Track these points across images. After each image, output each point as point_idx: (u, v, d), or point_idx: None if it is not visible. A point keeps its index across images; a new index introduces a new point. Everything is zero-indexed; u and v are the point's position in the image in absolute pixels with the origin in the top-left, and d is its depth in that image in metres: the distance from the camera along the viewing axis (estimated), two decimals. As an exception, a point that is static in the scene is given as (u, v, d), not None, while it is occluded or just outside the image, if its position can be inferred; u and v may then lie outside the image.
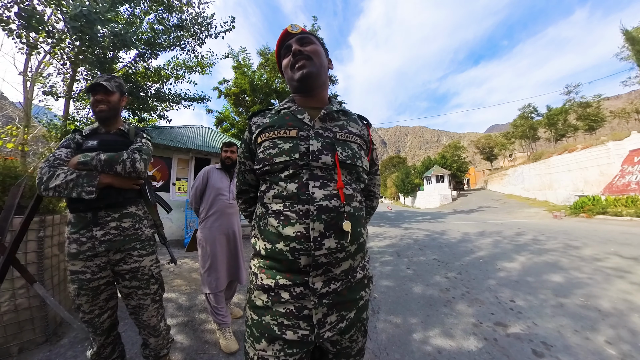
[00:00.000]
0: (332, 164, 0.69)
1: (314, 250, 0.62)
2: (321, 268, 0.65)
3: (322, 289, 0.65)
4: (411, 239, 6.33)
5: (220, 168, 2.14)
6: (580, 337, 1.88)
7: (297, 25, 0.82)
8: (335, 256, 0.65)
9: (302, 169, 0.68)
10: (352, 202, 0.70)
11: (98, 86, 1.24)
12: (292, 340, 0.63)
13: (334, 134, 0.74)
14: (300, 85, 0.79)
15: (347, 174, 0.73)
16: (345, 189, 0.69)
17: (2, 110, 7.54)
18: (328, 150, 0.70)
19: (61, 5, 4.39)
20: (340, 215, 0.66)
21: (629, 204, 9.47)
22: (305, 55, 0.76)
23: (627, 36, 17.81)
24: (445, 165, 34.25)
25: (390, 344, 1.88)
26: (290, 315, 0.64)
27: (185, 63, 7.57)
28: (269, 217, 0.69)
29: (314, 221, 0.63)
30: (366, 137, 0.84)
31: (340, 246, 0.65)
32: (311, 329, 0.64)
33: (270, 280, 0.66)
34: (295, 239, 0.63)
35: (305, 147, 0.70)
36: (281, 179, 0.69)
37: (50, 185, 1.07)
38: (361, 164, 0.75)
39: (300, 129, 0.73)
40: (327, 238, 0.64)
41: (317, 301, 0.64)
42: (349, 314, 0.69)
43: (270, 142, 0.73)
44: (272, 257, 0.67)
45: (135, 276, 1.24)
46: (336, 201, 0.66)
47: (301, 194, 0.66)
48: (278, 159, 0.70)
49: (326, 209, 0.65)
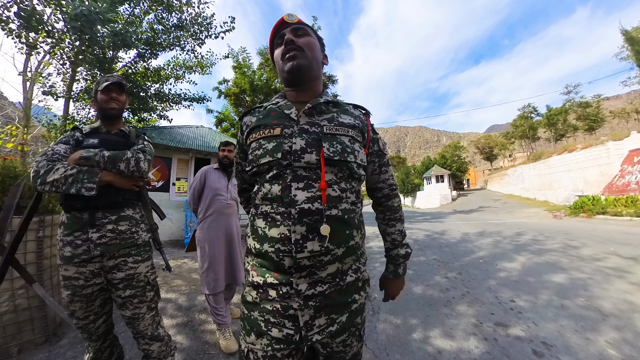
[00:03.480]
0: (316, 162, 0.65)
1: (295, 252, 0.62)
2: (304, 270, 0.63)
3: (307, 291, 0.64)
4: (411, 239, 6.32)
5: (217, 168, 2.13)
6: (581, 338, 1.88)
7: (294, 15, 0.77)
8: (320, 259, 0.63)
9: (286, 169, 0.66)
10: (340, 204, 0.66)
11: (114, 85, 1.25)
12: (277, 337, 0.63)
13: (322, 128, 0.69)
14: (290, 78, 0.75)
15: (337, 172, 0.68)
16: (331, 189, 0.66)
17: (1, 110, 7.53)
18: (313, 148, 0.66)
19: (61, 5, 4.38)
20: (326, 218, 0.63)
21: (629, 204, 9.47)
22: (298, 47, 0.73)
23: (627, 36, 17.82)
24: (445, 165, 34.25)
25: (390, 344, 1.88)
26: (276, 313, 0.64)
27: (185, 63, 7.57)
28: (258, 218, 0.69)
29: (295, 224, 0.62)
30: (363, 127, 0.77)
31: (324, 249, 0.63)
32: (296, 329, 0.63)
33: (260, 277, 0.67)
34: (280, 241, 0.63)
35: (289, 146, 0.66)
36: (266, 180, 0.68)
37: (47, 179, 1.02)
38: (353, 158, 0.69)
39: (285, 126, 0.70)
40: (310, 241, 0.62)
41: (303, 303, 0.63)
42: (340, 318, 0.67)
43: (257, 143, 0.71)
44: (261, 256, 0.67)
45: (130, 284, 1.18)
46: (319, 204, 0.63)
47: (284, 196, 0.64)
48: (263, 160, 0.68)
49: (308, 212, 0.62)
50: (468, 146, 48.44)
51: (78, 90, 5.94)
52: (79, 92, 5.93)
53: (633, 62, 18.38)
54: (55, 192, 1.07)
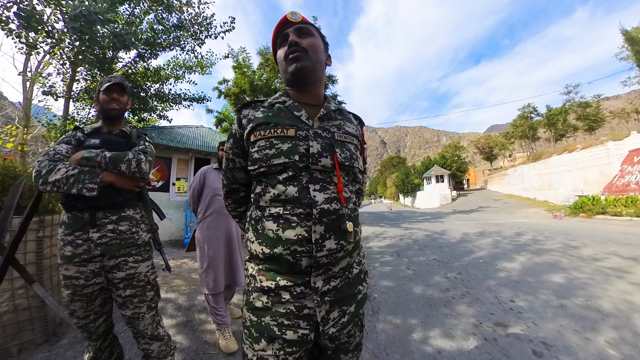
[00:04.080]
0: (331, 166, 0.68)
1: (315, 252, 0.63)
2: (322, 268, 0.65)
3: (324, 287, 0.66)
4: (411, 239, 6.33)
5: (217, 168, 2.13)
6: (580, 338, 1.88)
7: (297, 13, 0.76)
8: (335, 256, 0.67)
9: (302, 172, 0.67)
10: (349, 204, 0.71)
11: (115, 85, 1.25)
12: (291, 339, 0.63)
13: (332, 134, 0.73)
14: (293, 79, 0.76)
15: (345, 176, 0.73)
16: (344, 191, 0.70)
17: (1, 110, 7.53)
18: (327, 152, 0.69)
19: (61, 5, 4.38)
20: (341, 217, 0.67)
21: (629, 204, 9.47)
22: (302, 48, 0.73)
23: (627, 36, 17.82)
24: (445, 165, 34.25)
25: (390, 344, 1.88)
26: (290, 315, 0.64)
27: (185, 63, 7.57)
28: (266, 220, 0.67)
29: (316, 224, 0.64)
30: (361, 137, 0.83)
31: (339, 246, 0.66)
32: (311, 328, 0.64)
33: (271, 282, 0.65)
34: (297, 242, 0.63)
35: (305, 149, 0.67)
36: (279, 181, 0.67)
37: (49, 179, 1.03)
38: (358, 165, 0.75)
39: (299, 128, 0.70)
40: (328, 239, 0.64)
41: (320, 299, 0.65)
42: (349, 309, 0.70)
43: (267, 142, 0.68)
44: (271, 260, 0.66)
45: (131, 283, 1.19)
46: (337, 204, 0.67)
47: (302, 197, 0.65)
48: (276, 160, 0.66)
49: (327, 212, 0.65)
50: (468, 146, 48.42)
51: (78, 90, 5.94)
52: (79, 92, 5.93)
53: (633, 62, 18.38)
54: (57, 192, 1.08)
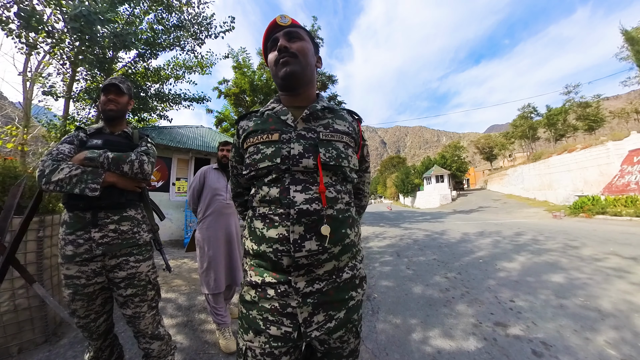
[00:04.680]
0: (313, 167, 0.69)
1: (293, 252, 0.64)
2: (302, 269, 0.66)
3: (305, 289, 0.66)
4: (411, 239, 6.33)
5: (217, 168, 2.13)
6: (580, 338, 1.88)
7: (286, 16, 0.77)
8: (317, 257, 0.66)
9: (285, 174, 0.69)
10: (335, 205, 0.70)
11: (112, 86, 1.26)
12: (275, 335, 0.65)
13: (318, 134, 0.73)
14: (284, 84, 0.78)
15: (332, 175, 0.73)
16: (328, 191, 0.69)
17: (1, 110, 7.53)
18: (310, 153, 0.70)
19: (61, 5, 4.38)
20: (321, 218, 0.66)
21: (629, 204, 9.47)
22: (291, 53, 0.74)
23: (627, 36, 17.82)
24: (445, 165, 34.24)
25: (390, 344, 1.88)
26: (274, 311, 0.65)
27: (185, 63, 7.56)
28: (256, 220, 0.71)
29: (294, 224, 0.65)
30: (355, 134, 0.81)
31: (321, 248, 0.66)
32: (294, 327, 0.65)
33: (258, 277, 0.69)
34: (278, 241, 0.66)
35: (287, 151, 0.69)
36: (265, 183, 0.71)
37: (52, 179, 1.04)
38: (347, 163, 0.74)
39: (283, 132, 0.73)
40: (308, 240, 0.65)
41: (301, 300, 0.65)
42: (338, 314, 0.69)
43: (255, 148, 0.73)
44: (259, 256, 0.70)
45: (132, 283, 1.20)
46: (317, 204, 0.67)
47: (282, 198, 0.67)
48: (261, 164, 0.71)
49: (306, 212, 0.65)
50: (468, 146, 48.44)
51: (78, 90, 5.93)
52: (79, 92, 5.92)
53: (633, 62, 18.38)
54: (60, 192, 1.09)
